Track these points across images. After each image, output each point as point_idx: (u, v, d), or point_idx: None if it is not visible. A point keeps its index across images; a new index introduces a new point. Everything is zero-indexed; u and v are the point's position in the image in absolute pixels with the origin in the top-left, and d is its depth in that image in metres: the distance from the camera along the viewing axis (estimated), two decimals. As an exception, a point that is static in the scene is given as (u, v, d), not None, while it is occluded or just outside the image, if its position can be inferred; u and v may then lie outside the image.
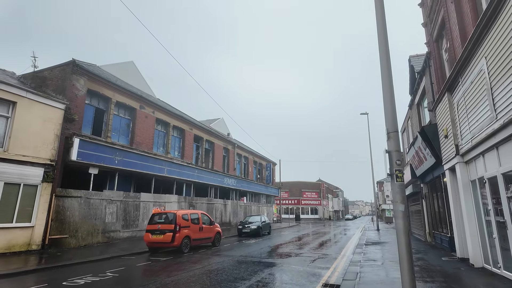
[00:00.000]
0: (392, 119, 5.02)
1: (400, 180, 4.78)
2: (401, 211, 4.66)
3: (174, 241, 12.53)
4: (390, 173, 4.87)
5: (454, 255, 10.49)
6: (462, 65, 7.70)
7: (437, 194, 13.13)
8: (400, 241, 4.59)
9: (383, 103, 5.16)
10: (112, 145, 16.33)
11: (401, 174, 4.81)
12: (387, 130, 5.01)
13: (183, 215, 13.38)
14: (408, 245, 4.54)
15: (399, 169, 4.82)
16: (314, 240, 18.99)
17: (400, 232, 4.62)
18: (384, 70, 5.20)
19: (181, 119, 23.36)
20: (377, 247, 14.37)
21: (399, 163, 4.85)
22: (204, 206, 24.47)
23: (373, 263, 9.99)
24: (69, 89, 14.41)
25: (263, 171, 41.30)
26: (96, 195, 15.19)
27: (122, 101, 17.62)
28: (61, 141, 13.73)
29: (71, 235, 13.75)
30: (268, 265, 9.86)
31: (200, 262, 10.46)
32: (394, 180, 4.81)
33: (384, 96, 5.16)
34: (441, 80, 10.26)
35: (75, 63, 14.62)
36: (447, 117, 9.31)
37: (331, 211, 76.96)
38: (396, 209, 4.72)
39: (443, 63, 10.34)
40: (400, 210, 4.67)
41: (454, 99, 8.88)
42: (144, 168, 18.15)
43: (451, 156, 9.28)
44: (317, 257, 11.79)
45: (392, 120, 5.02)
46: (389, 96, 5.10)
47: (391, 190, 4.91)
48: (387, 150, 4.97)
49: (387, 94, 5.12)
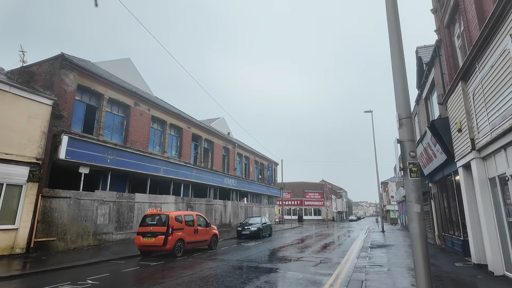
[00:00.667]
0: (404, 103, 4.22)
1: (415, 175, 3.97)
2: (416, 212, 3.85)
3: (166, 244, 11.77)
4: (403, 167, 4.06)
5: (468, 260, 9.61)
6: (479, 49, 6.87)
7: (448, 194, 12.25)
8: (416, 248, 3.78)
9: (394, 86, 4.36)
10: (104, 143, 15.62)
11: (416, 168, 4.00)
12: (398, 116, 4.21)
13: (177, 217, 12.61)
14: (425, 253, 3.73)
15: (413, 162, 4.01)
16: (317, 243, 18.14)
17: (416, 236, 3.81)
18: (393, 45, 4.39)
19: (179, 117, 22.63)
20: (383, 251, 13.50)
21: (413, 154, 4.03)
22: (203, 207, 23.72)
23: (380, 269, 9.15)
24: (57, 84, 13.73)
25: (265, 171, 40.48)
26: (87, 196, 14.48)
27: (116, 97, 16.93)
28: (48, 138, 13.04)
29: (59, 237, 13.03)
30: (266, 271, 9.06)
31: (192, 268, 9.68)
32: (407, 175, 4.00)
33: (394, 78, 4.36)
34: (453, 69, 9.41)
35: (63, 57, 13.94)
36: (461, 109, 8.46)
37: (335, 212, 75.89)
38: (410, 210, 3.90)
39: (455, 50, 9.49)
40: (415, 211, 3.86)
41: (469, 88, 8.04)
42: (138, 168, 17.43)
43: (466, 152, 8.43)
44: (319, 261, 10.97)
45: (404, 104, 4.22)
46: (400, 77, 4.30)
47: (405, 187, 4.09)
48: (398, 140, 4.16)
49: (397, 75, 4.32)
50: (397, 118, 4.20)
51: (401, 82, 4.25)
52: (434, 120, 10.41)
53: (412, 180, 3.95)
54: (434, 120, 10.41)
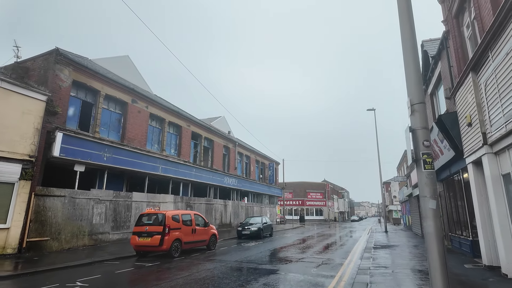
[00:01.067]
0: (416, 87, 3.78)
1: (430, 167, 3.53)
2: (431, 209, 3.41)
3: (162, 244, 11.36)
4: (415, 158, 3.62)
5: (478, 262, 9.14)
6: (493, 35, 6.42)
7: (455, 192, 11.77)
8: (431, 249, 3.34)
9: (404, 68, 3.92)
10: (100, 141, 15.24)
11: (430, 158, 3.56)
12: (410, 101, 3.77)
13: (174, 216, 12.20)
14: (442, 255, 3.29)
15: (427, 152, 3.57)
16: (318, 243, 17.69)
17: (431, 236, 3.37)
18: (404, 24, 3.95)
19: (178, 115, 22.24)
20: (387, 251, 13.04)
21: (427, 144, 3.60)
22: (202, 206, 23.31)
23: (385, 270, 8.70)
24: (51, 79, 13.35)
25: (266, 170, 40.04)
26: (82, 194, 14.09)
27: (112, 94, 16.54)
28: (42, 135, 12.67)
29: (53, 237, 12.65)
30: (265, 273, 8.63)
31: (189, 269, 9.27)
32: (421, 167, 3.57)
33: (405, 59, 3.92)
34: (462, 60, 8.95)
35: (58, 51, 13.57)
36: (471, 102, 8.00)
37: (337, 212, 75.33)
38: (425, 206, 3.47)
39: (464, 41, 9.03)
40: (430, 208, 3.42)
41: (480, 79, 7.58)
42: (136, 166, 17.03)
43: (476, 147, 7.97)
44: (321, 262, 10.52)
45: (416, 88, 3.78)
46: (412, 58, 3.86)
47: (418, 180, 3.66)
48: (410, 128, 3.72)
49: (409, 56, 3.88)
50: (408, 104, 3.77)
51: (412, 64, 3.82)
52: (441, 115, 9.95)
53: (426, 173, 3.51)
54: (441, 115, 9.95)
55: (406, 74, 3.84)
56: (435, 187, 3.49)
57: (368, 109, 28.17)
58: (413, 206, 25.27)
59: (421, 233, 20.85)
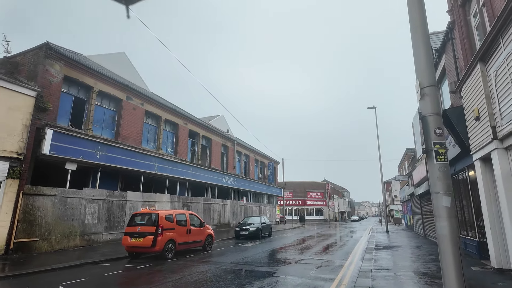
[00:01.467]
0: (426, 68, 3.31)
1: (443, 158, 3.07)
2: (445, 207, 2.95)
3: (155, 245, 10.89)
4: (426, 149, 3.16)
5: (486, 264, 8.67)
6: (505, 20, 5.95)
7: (460, 191, 11.30)
8: (446, 255, 2.87)
9: (412, 46, 3.45)
10: (93, 138, 14.78)
11: (444, 149, 3.09)
12: (419, 84, 3.30)
13: (167, 216, 11.74)
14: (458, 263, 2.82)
15: (439, 142, 3.10)
16: (318, 244, 17.22)
17: (445, 239, 2.90)
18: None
19: (174, 112, 21.77)
20: (389, 252, 12.57)
21: (439, 132, 3.13)
22: (200, 206, 22.86)
23: (387, 273, 8.23)
24: (41, 74, 12.90)
25: (265, 170, 39.56)
26: (74, 194, 13.64)
27: (106, 90, 16.08)
28: (31, 132, 12.22)
29: (42, 238, 12.19)
30: (261, 276, 8.17)
31: (181, 271, 8.81)
32: (432, 159, 3.10)
33: (413, 37, 3.46)
34: (469, 51, 8.48)
35: (48, 46, 13.11)
36: (479, 94, 7.53)
37: (337, 212, 74.84)
38: (437, 204, 3.00)
39: (471, 30, 8.56)
40: (444, 206, 2.95)
41: (489, 69, 7.11)
42: (130, 165, 16.58)
43: (485, 142, 7.50)
44: (320, 264, 10.06)
45: (427, 68, 3.31)
46: (421, 34, 3.39)
47: (429, 174, 3.20)
48: (420, 114, 3.26)
49: (417, 32, 3.42)
50: (417, 87, 3.30)
51: (422, 42, 3.35)
52: (446, 110, 9.48)
53: (438, 165, 3.05)
54: (446, 110, 9.48)
55: (415, 53, 3.38)
56: (449, 182, 3.03)
57: (369, 107, 27.69)
58: (414, 206, 24.78)
59: (423, 233, 20.37)
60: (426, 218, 19.50)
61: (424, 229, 20.26)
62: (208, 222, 23.12)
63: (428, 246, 14.72)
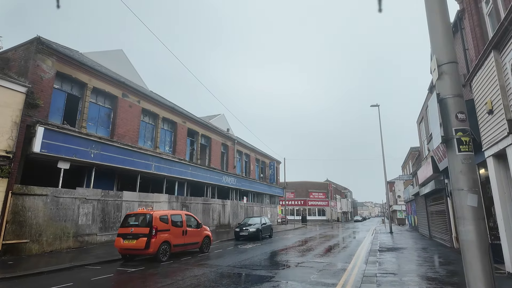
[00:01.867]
0: (445, 42, 2.79)
1: (466, 148, 2.54)
2: (471, 208, 2.42)
3: (149, 247, 10.40)
4: (445, 137, 2.63)
5: (500, 268, 8.09)
6: (524, 1, 5.40)
7: (469, 190, 10.70)
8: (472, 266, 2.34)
9: (427, 18, 2.92)
10: (87, 136, 14.33)
11: (467, 137, 2.56)
12: (436, 61, 2.77)
13: (161, 216, 11.24)
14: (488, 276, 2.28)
15: (462, 129, 2.58)
16: (320, 245, 16.67)
17: (471, 246, 2.37)
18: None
19: (173, 110, 21.29)
20: (394, 255, 12.01)
21: (462, 117, 2.60)
22: (199, 206, 22.38)
23: (393, 278, 7.69)
24: (32, 70, 12.45)
25: (266, 169, 39.02)
26: (66, 193, 13.19)
27: (101, 87, 15.62)
28: (21, 129, 11.76)
29: (32, 239, 11.74)
30: (258, 280, 7.66)
31: (174, 275, 8.31)
32: (454, 149, 2.57)
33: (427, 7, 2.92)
34: (481, 41, 7.93)
35: (40, 40, 12.67)
36: (493, 85, 6.98)
37: (339, 212, 74.13)
38: (461, 203, 2.47)
39: (482, 18, 8.01)
40: (469, 205, 2.42)
41: (504, 57, 6.56)
42: (126, 164, 16.11)
43: (499, 137, 6.94)
44: (321, 267, 9.53)
45: (445, 42, 2.78)
46: (439, 2, 2.86)
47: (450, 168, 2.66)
48: (438, 96, 2.73)
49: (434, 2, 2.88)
50: (434, 65, 2.77)
51: (439, 11, 2.83)
52: (455, 104, 8.92)
53: (462, 157, 2.52)
54: (455, 104, 8.92)
55: (430, 25, 2.85)
56: (475, 176, 2.50)
57: (372, 105, 27.11)
58: (419, 206, 24.15)
59: (429, 234, 19.75)
60: (432, 219, 18.89)
61: (430, 230, 19.65)
62: (207, 222, 22.64)
63: (435, 248, 14.13)
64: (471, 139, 2.55)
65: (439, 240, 16.65)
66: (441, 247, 14.25)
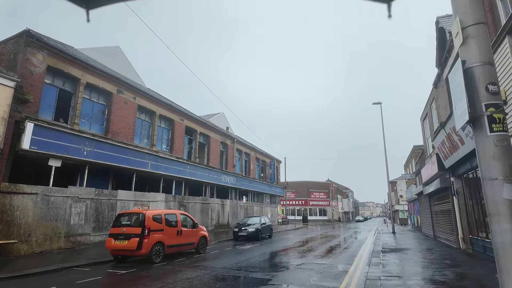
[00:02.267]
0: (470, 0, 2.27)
1: (501, 127, 2.04)
2: (508, 201, 1.91)
3: (141, 248, 9.91)
4: (472, 115, 2.12)
5: None
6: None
7: (477, 188, 10.20)
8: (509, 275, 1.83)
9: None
10: (80, 133, 13.87)
11: (501, 114, 2.06)
12: (460, 24, 2.27)
13: (155, 216, 10.76)
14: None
15: (495, 103, 2.07)
16: (321, 246, 16.16)
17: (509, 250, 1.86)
18: None
19: (170, 108, 20.82)
20: (397, 256, 11.49)
21: (494, 89, 2.11)
22: (198, 206, 21.89)
23: (398, 281, 7.18)
24: (21, 64, 11.99)
25: (267, 169, 38.52)
26: (58, 192, 12.72)
27: (95, 83, 15.16)
28: (9, 125, 11.31)
29: (21, 240, 11.26)
30: (254, 284, 7.17)
31: (165, 278, 7.83)
32: (484, 128, 2.07)
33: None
34: (493, 27, 7.42)
35: (29, 33, 12.22)
36: (507, 73, 6.46)
37: (341, 212, 73.55)
38: (493, 196, 1.97)
39: (494, 3, 7.49)
40: (505, 199, 1.91)
41: (520, 43, 6.04)
42: (121, 162, 15.65)
43: (514, 130, 6.41)
44: (322, 269, 9.02)
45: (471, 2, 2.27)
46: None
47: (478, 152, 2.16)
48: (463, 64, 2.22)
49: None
50: (457, 28, 2.27)
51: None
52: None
53: (495, 137, 2.02)
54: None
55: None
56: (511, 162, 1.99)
57: (374, 103, 26.58)
58: (423, 205, 23.60)
59: (433, 235, 19.20)
60: (437, 219, 18.34)
61: (434, 230, 19.09)
62: (206, 222, 22.17)
63: (440, 249, 13.59)
64: (505, 116, 2.06)
65: (444, 241, 16.10)
66: (447, 248, 13.71)
